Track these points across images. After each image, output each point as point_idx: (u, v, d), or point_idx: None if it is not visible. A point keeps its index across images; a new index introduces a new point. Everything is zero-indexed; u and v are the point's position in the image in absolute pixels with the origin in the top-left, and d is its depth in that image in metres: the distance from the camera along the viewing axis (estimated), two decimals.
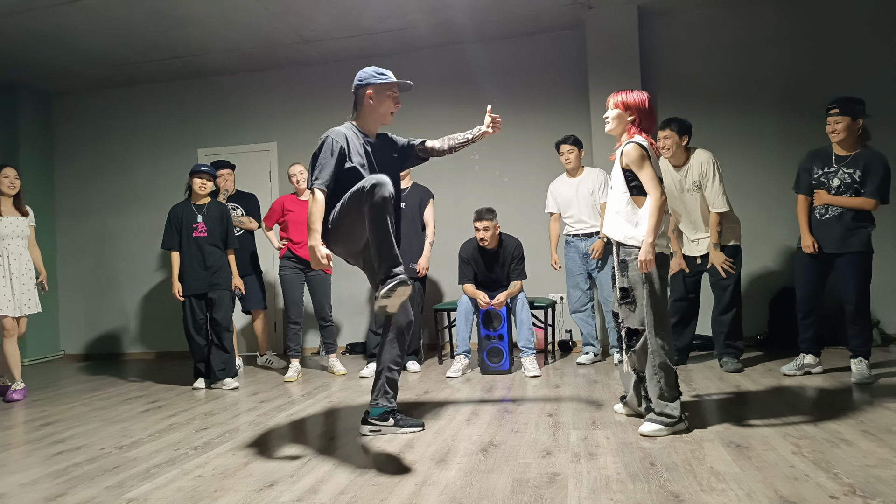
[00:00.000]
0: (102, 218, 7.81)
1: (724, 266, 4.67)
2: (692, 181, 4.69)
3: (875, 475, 2.46)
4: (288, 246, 5.61)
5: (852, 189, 4.21)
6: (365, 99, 3.45)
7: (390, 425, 3.48)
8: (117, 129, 7.80)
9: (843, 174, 4.24)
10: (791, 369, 4.52)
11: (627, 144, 3.25)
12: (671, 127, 4.65)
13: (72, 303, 7.88)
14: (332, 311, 5.69)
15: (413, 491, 2.56)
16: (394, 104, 3.49)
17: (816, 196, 4.36)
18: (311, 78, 7.30)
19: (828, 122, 4.27)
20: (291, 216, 5.63)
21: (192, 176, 5.21)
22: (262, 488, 2.69)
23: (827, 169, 4.32)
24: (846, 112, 4.19)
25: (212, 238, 5.21)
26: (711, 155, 4.68)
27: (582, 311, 5.45)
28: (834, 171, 4.28)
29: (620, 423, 3.45)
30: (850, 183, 4.21)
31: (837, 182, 4.25)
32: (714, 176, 4.62)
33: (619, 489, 2.46)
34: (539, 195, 6.34)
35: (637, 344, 3.31)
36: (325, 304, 5.63)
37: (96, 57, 6.78)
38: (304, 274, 5.62)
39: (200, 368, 5.24)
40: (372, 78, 3.46)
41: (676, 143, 4.66)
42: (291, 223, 5.62)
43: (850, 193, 4.21)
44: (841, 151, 4.29)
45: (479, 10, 6.00)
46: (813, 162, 4.41)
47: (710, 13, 6.28)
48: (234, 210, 5.98)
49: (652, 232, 3.15)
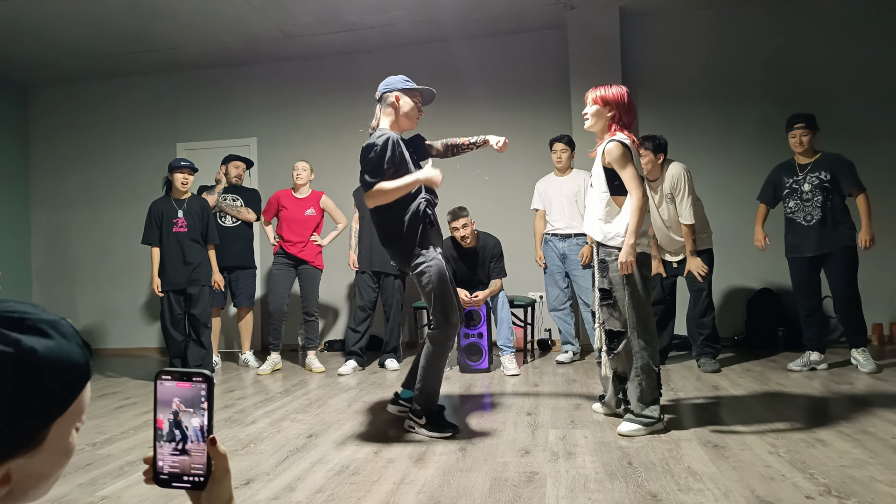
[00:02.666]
0: (78, 211, 7.70)
1: (701, 272, 4.74)
2: (665, 193, 4.76)
3: (850, 475, 2.48)
4: (280, 244, 5.57)
5: (824, 188, 4.58)
6: (393, 104, 3.43)
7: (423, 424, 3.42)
8: (94, 122, 7.69)
9: (811, 178, 4.64)
10: (798, 366, 4.71)
11: (609, 142, 3.21)
12: (646, 146, 4.71)
13: (46, 297, 7.75)
14: (317, 308, 5.67)
15: (391, 489, 2.54)
16: (417, 111, 3.49)
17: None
18: (292, 73, 7.24)
19: (793, 136, 4.71)
20: (285, 213, 5.60)
21: (173, 171, 5.15)
22: (237, 486, 2.66)
23: (795, 177, 4.73)
24: (811, 126, 4.65)
25: (192, 233, 5.16)
26: (684, 167, 4.74)
27: (561, 309, 5.47)
28: (802, 177, 4.69)
29: (599, 423, 3.45)
30: (819, 184, 4.60)
31: (808, 186, 4.64)
32: (684, 189, 4.69)
33: (598, 488, 2.46)
34: (520, 194, 6.35)
35: (619, 346, 3.28)
36: (313, 298, 5.63)
37: (74, 49, 6.68)
38: (296, 269, 5.62)
39: (176, 364, 5.18)
40: (399, 84, 3.46)
41: (652, 162, 4.72)
42: (285, 221, 5.59)
43: (822, 193, 4.58)
44: (803, 160, 4.72)
45: (461, 7, 5.99)
46: (781, 174, 4.84)
47: (691, 14, 6.32)
48: (234, 201, 5.93)
49: (633, 233, 3.12)
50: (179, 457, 0.92)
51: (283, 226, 5.61)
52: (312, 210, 5.67)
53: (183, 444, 0.92)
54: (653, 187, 4.79)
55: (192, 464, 0.91)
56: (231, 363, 6.27)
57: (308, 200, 5.70)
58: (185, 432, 0.91)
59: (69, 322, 0.79)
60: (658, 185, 4.78)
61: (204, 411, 0.91)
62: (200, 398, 0.91)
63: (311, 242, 5.63)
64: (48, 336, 0.73)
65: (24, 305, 0.75)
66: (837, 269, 4.59)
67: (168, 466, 0.92)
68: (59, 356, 0.73)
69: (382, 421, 3.68)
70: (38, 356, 0.71)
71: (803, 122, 4.64)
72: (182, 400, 0.91)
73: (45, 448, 0.73)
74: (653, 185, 4.80)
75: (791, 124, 4.70)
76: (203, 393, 0.91)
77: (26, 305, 0.75)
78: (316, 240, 5.67)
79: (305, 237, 5.61)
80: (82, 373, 0.78)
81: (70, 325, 0.78)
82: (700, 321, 4.93)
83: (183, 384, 0.91)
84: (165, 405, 0.92)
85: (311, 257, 5.61)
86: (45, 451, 0.74)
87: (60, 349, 0.74)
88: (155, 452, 0.92)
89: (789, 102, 6.05)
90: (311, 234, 5.64)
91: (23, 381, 0.69)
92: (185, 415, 0.91)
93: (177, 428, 0.91)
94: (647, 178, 4.80)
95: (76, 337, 0.78)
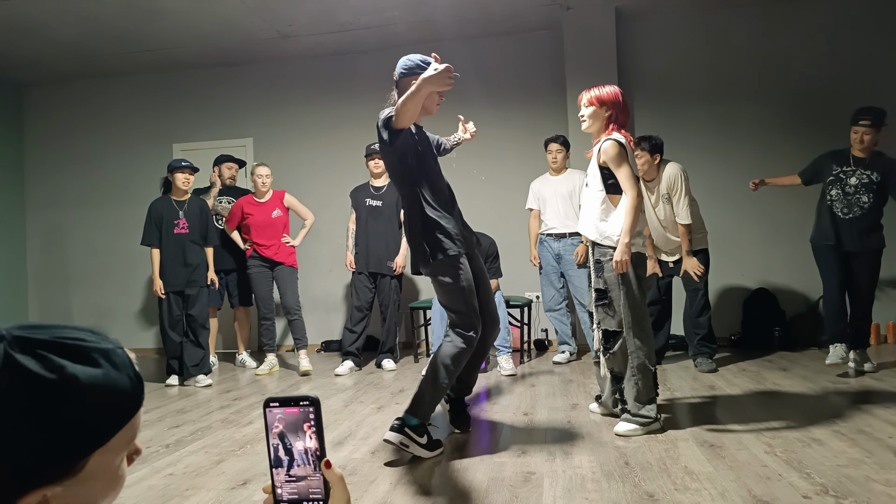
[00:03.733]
0: (73, 211, 7.67)
1: (697, 272, 4.74)
2: (661, 194, 4.76)
3: (846, 475, 2.49)
4: (254, 247, 5.56)
5: (870, 189, 4.48)
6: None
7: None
8: (89, 122, 7.67)
9: (862, 175, 4.52)
10: (838, 358, 4.63)
11: (606, 141, 3.22)
12: (642, 147, 4.71)
13: (41, 297, 7.74)
14: (299, 306, 5.65)
15: (388, 489, 2.54)
16: (438, 96, 3.25)
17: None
18: (287, 73, 7.23)
19: (855, 131, 4.51)
20: (252, 219, 5.55)
21: (174, 171, 5.12)
22: (234, 487, 2.66)
23: (846, 168, 4.58)
24: (876, 124, 4.46)
25: (192, 234, 5.16)
26: (680, 168, 4.74)
27: (556, 309, 5.47)
28: (852, 170, 4.55)
29: (595, 423, 3.46)
30: (868, 183, 4.49)
31: (855, 181, 4.54)
32: (680, 189, 4.69)
33: (594, 488, 2.46)
34: (516, 194, 6.35)
35: (615, 346, 3.29)
36: (293, 297, 5.60)
37: (69, 48, 6.66)
38: (272, 271, 5.60)
39: (173, 365, 5.17)
40: (418, 68, 3.21)
41: (648, 162, 4.71)
42: (253, 226, 5.55)
43: (867, 193, 4.49)
44: (859, 154, 4.55)
45: (457, 8, 5.99)
46: (831, 161, 4.67)
47: (687, 15, 6.32)
48: (230, 204, 5.91)
49: (627, 232, 3.13)
50: (297, 483, 0.90)
51: (253, 231, 5.56)
52: (278, 210, 5.63)
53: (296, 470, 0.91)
54: (649, 188, 4.80)
55: (309, 489, 0.90)
56: (228, 363, 6.26)
57: (272, 202, 5.65)
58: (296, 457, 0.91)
59: (126, 351, 0.78)
60: (655, 186, 4.78)
61: (313, 434, 0.90)
62: (309, 421, 0.89)
63: (284, 244, 5.60)
64: (97, 365, 0.72)
65: (83, 332, 0.74)
66: (864, 271, 4.57)
67: (287, 493, 0.91)
68: (104, 385, 0.72)
69: (379, 422, 3.68)
70: (79, 384, 0.69)
71: (869, 120, 4.46)
72: (289, 424, 0.90)
73: (87, 476, 0.72)
74: (649, 185, 4.80)
75: (856, 119, 4.51)
76: (311, 416, 0.89)
77: (85, 332, 0.74)
78: (288, 241, 5.65)
79: (277, 239, 5.58)
80: (129, 404, 0.76)
81: (125, 355, 0.77)
82: (696, 321, 4.94)
83: (291, 409, 0.90)
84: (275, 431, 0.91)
85: (284, 258, 5.59)
86: (87, 480, 0.72)
87: (106, 378, 0.72)
88: (273, 481, 0.91)
89: (784, 103, 6.08)
90: (283, 236, 5.61)
91: (61, 408, 0.68)
92: (294, 439, 0.90)
93: (286, 454, 0.90)
94: (644, 178, 4.81)
95: (129, 367, 0.77)
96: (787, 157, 5.90)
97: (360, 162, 6.81)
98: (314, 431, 0.90)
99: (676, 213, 4.72)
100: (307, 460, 0.90)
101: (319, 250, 6.95)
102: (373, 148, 5.52)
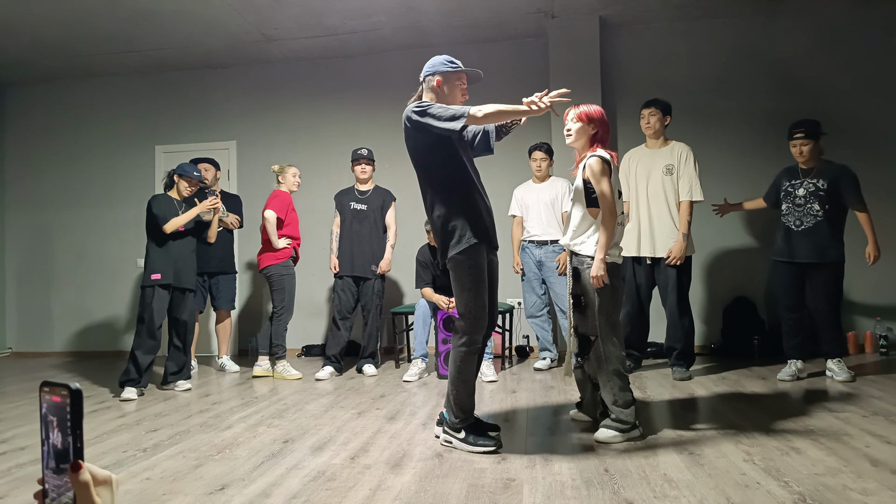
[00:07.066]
0: (54, 212, 7.60)
1: (679, 256, 4.70)
2: (664, 164, 4.79)
3: (824, 483, 2.50)
4: (293, 247, 5.49)
5: (818, 196, 4.56)
6: (435, 88, 3.34)
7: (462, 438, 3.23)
8: (71, 123, 7.61)
9: (808, 184, 4.62)
10: (787, 376, 4.64)
11: (591, 157, 3.32)
12: (656, 105, 4.83)
13: (19, 299, 7.65)
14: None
15: (367, 496, 2.53)
16: (461, 95, 3.40)
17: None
18: (273, 76, 7.22)
19: (793, 145, 4.65)
20: (292, 217, 5.52)
21: (183, 177, 4.92)
22: (212, 492, 2.63)
23: (794, 181, 4.70)
24: (811, 135, 4.58)
25: (192, 234, 5.10)
26: (691, 149, 4.81)
27: (538, 316, 5.48)
28: (800, 182, 4.66)
29: (576, 429, 3.46)
30: (815, 191, 4.58)
31: (803, 191, 4.63)
32: (694, 164, 4.76)
33: (574, 495, 2.46)
34: (498, 201, 6.36)
35: (590, 351, 3.36)
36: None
37: (52, 48, 6.61)
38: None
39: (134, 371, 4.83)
40: (442, 66, 3.36)
41: (659, 121, 4.83)
42: (293, 224, 5.52)
43: (817, 201, 4.56)
44: (804, 166, 4.69)
45: (444, 14, 6.01)
46: (785, 176, 4.80)
47: (671, 25, 6.38)
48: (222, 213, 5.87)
49: (603, 248, 3.23)
50: (61, 477, 0.78)
51: (293, 229, 5.54)
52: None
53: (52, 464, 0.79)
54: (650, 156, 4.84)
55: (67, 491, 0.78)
56: (208, 367, 6.21)
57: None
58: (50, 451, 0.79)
59: None
60: (657, 156, 4.83)
61: (68, 430, 0.77)
62: (66, 414, 0.76)
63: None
64: None
65: None
66: (823, 282, 4.58)
67: (52, 489, 0.79)
68: None
69: (360, 427, 3.67)
70: None
71: (803, 132, 4.57)
72: (52, 413, 0.78)
73: None
74: (651, 153, 4.85)
75: (791, 134, 4.64)
76: (68, 409, 0.76)
77: None
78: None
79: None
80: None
81: None
82: (671, 329, 4.86)
83: (56, 397, 0.77)
84: (42, 420, 0.80)
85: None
86: None
87: None
88: (42, 472, 0.80)
89: (769, 112, 6.14)
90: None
91: None
92: (52, 430, 0.78)
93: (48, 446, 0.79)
94: (650, 137, 4.89)
95: None
96: (771, 167, 5.97)
97: (345, 166, 6.81)
98: (69, 426, 0.77)
99: (684, 188, 4.74)
100: (56, 456, 0.78)
101: (302, 253, 6.93)
102: (360, 153, 5.51)
